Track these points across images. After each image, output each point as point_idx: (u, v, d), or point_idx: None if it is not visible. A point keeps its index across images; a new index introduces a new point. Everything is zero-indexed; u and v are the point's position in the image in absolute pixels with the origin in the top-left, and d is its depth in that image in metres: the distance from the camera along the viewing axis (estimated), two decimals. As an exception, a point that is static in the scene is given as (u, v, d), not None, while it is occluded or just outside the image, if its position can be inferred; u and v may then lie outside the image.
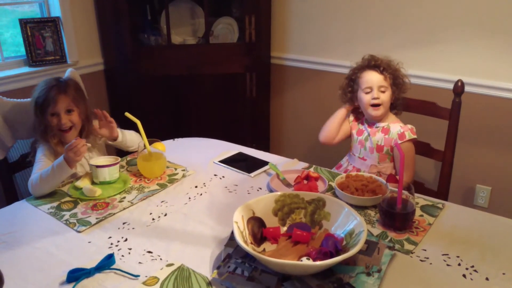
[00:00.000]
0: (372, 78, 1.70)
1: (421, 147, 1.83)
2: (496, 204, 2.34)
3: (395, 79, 1.72)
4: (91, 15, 2.70)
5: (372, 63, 1.71)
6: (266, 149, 2.96)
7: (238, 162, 1.71)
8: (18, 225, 1.30)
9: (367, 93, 1.71)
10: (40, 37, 2.49)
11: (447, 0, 2.18)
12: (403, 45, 2.36)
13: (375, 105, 1.70)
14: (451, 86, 1.75)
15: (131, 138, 1.76)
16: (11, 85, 2.34)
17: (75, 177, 1.58)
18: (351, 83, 1.78)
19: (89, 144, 1.54)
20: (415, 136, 1.70)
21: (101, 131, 1.69)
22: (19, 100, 1.75)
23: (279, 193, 1.25)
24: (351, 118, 1.86)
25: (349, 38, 2.56)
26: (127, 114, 1.60)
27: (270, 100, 3.00)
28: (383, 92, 1.70)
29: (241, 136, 2.73)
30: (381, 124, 1.75)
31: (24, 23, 2.45)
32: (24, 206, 1.42)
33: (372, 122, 1.77)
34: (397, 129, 1.71)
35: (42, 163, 1.54)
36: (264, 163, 1.69)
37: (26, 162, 1.71)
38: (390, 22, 2.39)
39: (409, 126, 1.72)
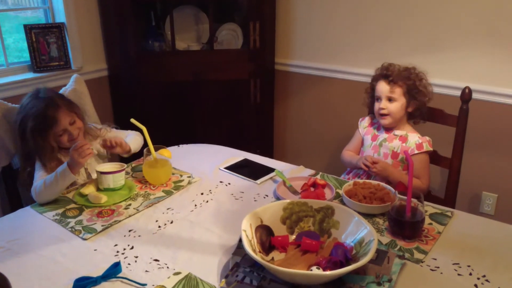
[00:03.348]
0: (382, 88, 1.73)
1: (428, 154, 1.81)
2: (502, 211, 2.32)
3: (410, 89, 1.71)
4: (95, 21, 2.70)
5: (384, 73, 1.74)
6: (270, 155, 2.95)
7: (244, 169, 1.69)
8: (23, 232, 1.29)
9: (377, 101, 1.75)
10: (45, 42, 2.49)
11: (454, 7, 2.18)
12: (409, 51, 2.35)
13: (382, 115, 1.73)
14: (458, 93, 1.74)
15: (136, 142, 1.76)
16: (16, 91, 2.33)
17: (75, 185, 1.57)
18: (371, 90, 1.82)
19: (95, 151, 1.53)
20: (431, 149, 1.73)
21: (115, 150, 1.66)
22: (24, 106, 1.74)
23: (287, 201, 1.23)
24: (366, 123, 1.86)
25: (354, 44, 2.55)
26: (132, 120, 1.59)
27: (274, 106, 2.99)
28: (391, 102, 1.71)
29: (245, 142, 2.72)
30: (399, 132, 1.76)
31: (29, 29, 2.44)
32: (28, 212, 1.40)
33: (389, 129, 1.78)
34: (415, 139, 1.73)
35: (43, 171, 1.53)
36: (270, 170, 1.67)
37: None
38: (396, 28, 2.38)
39: (427, 138, 1.73)
